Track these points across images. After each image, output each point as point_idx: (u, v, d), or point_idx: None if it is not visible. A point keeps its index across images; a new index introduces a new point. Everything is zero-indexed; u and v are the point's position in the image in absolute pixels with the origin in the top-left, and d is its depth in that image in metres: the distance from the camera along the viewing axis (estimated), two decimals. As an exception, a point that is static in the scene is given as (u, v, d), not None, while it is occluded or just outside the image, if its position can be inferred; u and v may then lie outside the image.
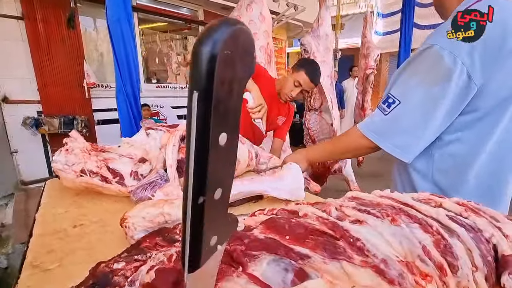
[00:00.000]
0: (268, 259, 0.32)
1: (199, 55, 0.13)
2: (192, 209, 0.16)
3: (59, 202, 0.84)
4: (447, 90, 0.73)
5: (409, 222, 0.38)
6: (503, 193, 0.80)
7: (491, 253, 0.37)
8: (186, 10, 4.87)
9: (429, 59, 0.76)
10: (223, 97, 0.15)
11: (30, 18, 3.16)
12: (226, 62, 0.14)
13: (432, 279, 0.32)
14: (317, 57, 2.93)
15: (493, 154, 0.78)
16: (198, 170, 0.15)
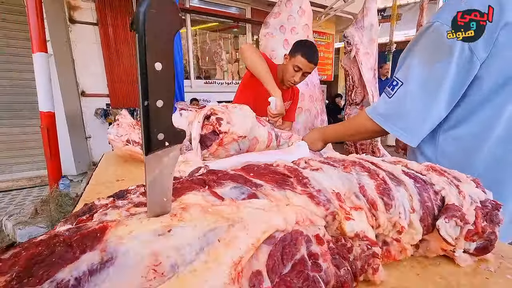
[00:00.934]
0: (231, 185, 0.42)
1: (136, 13, 0.24)
2: (141, 109, 0.27)
3: (111, 165, 1.06)
4: (449, 67, 0.70)
5: (360, 171, 0.44)
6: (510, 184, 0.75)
7: (435, 201, 0.41)
8: (234, 9, 5.11)
9: (430, 36, 0.74)
10: (154, 39, 0.25)
11: (103, 24, 3.71)
12: (152, 17, 0.24)
13: (362, 210, 0.38)
14: (360, 49, 2.86)
15: (500, 139, 0.73)
16: (142, 84, 0.26)
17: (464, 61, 0.70)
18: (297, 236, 0.33)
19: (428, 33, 0.75)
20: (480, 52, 0.68)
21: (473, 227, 0.40)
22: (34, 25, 2.47)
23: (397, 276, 0.40)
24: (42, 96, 2.54)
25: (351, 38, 2.94)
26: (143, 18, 0.24)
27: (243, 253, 0.29)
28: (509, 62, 0.68)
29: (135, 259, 0.28)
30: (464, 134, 0.77)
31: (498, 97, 0.71)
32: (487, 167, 0.76)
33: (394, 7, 5.09)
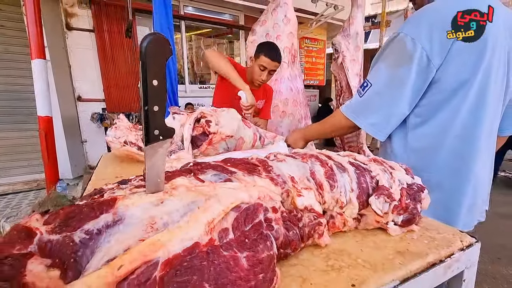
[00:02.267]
0: (212, 173, 0.53)
1: (140, 47, 0.36)
2: (143, 112, 0.39)
3: (109, 164, 1.16)
4: (410, 71, 0.81)
5: (314, 161, 0.56)
6: (470, 173, 0.86)
7: (371, 184, 0.53)
8: (228, 16, 5.26)
9: (395, 45, 0.86)
10: (152, 64, 0.37)
11: (99, 30, 3.82)
12: (151, 50, 0.36)
13: (311, 190, 0.50)
14: (347, 56, 3.00)
15: (459, 136, 0.85)
16: (144, 95, 0.38)
17: (422, 67, 0.81)
18: (258, 207, 0.44)
19: (394, 43, 0.86)
20: (436, 59, 0.80)
21: (399, 203, 0.52)
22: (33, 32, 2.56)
23: (340, 242, 0.51)
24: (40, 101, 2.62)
25: (338, 45, 3.09)
26: (145, 51, 0.36)
27: (215, 216, 0.40)
28: (461, 68, 0.80)
29: (138, 220, 0.39)
30: (428, 132, 0.88)
31: (454, 99, 0.83)
32: (448, 161, 0.87)
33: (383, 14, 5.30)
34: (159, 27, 2.02)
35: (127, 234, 0.37)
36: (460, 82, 0.81)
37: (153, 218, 0.39)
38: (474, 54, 0.79)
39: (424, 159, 0.91)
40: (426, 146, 0.90)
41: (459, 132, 0.84)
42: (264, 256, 0.38)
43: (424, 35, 0.80)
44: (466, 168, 0.86)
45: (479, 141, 0.84)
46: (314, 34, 6.23)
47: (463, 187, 0.86)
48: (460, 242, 0.51)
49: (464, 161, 0.85)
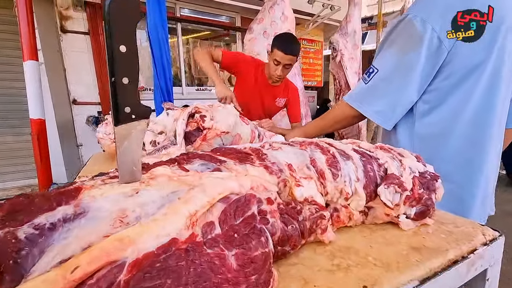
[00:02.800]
0: (199, 162, 0.47)
1: (103, 5, 0.30)
2: (110, 85, 0.32)
3: (98, 163, 1.10)
4: (420, 54, 0.77)
5: (314, 148, 0.50)
6: (483, 162, 0.81)
7: (378, 172, 0.47)
8: (224, 18, 5.23)
9: (403, 27, 0.81)
10: (118, 26, 0.31)
11: (94, 33, 3.77)
12: (115, 9, 0.30)
13: (312, 179, 0.44)
14: (345, 54, 2.95)
15: (471, 122, 0.79)
16: (110, 62, 0.32)
17: (433, 49, 0.76)
18: (250, 198, 0.38)
19: (402, 25, 0.81)
20: (447, 41, 0.75)
21: (411, 193, 0.46)
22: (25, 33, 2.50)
23: (346, 238, 0.45)
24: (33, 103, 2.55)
25: (336, 44, 3.05)
26: (108, 9, 0.30)
27: (198, 207, 0.34)
28: (474, 52, 0.75)
29: (105, 213, 0.32)
30: (437, 119, 0.83)
31: (466, 82, 0.77)
32: (459, 148, 0.81)
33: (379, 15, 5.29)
34: (153, 26, 1.97)
35: (90, 230, 0.30)
36: (474, 63, 0.76)
37: (124, 211, 0.33)
38: (488, 36, 0.74)
39: (433, 147, 0.85)
40: (436, 133, 0.84)
41: (471, 118, 0.79)
42: (257, 254, 0.32)
43: (435, 15, 0.75)
44: (479, 157, 0.80)
45: (492, 128, 0.79)
46: (311, 35, 6.21)
47: (475, 178, 0.81)
48: (482, 236, 0.45)
49: (477, 149, 0.80)
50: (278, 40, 1.51)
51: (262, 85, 1.67)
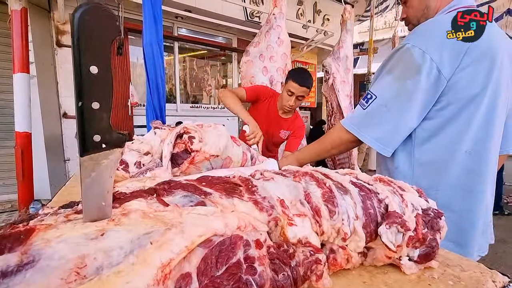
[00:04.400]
0: (181, 194, 0.42)
1: (71, 19, 0.26)
2: (76, 109, 0.28)
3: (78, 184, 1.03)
4: (418, 84, 0.76)
5: (309, 180, 0.45)
6: (483, 191, 0.78)
7: (379, 209, 0.43)
8: (221, 39, 5.34)
9: (402, 56, 0.81)
10: (89, 43, 0.27)
11: (90, 48, 3.77)
12: (87, 23, 0.26)
13: (306, 217, 0.39)
14: (337, 77, 3.00)
15: (470, 151, 0.77)
16: (77, 86, 0.27)
17: (432, 79, 0.76)
18: (236, 240, 0.33)
19: (400, 53, 0.81)
20: (446, 70, 0.74)
21: (414, 233, 0.41)
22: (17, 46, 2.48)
23: (343, 284, 0.40)
24: (20, 116, 2.48)
25: (329, 67, 3.11)
26: (77, 23, 0.26)
27: (174, 255, 0.29)
28: (473, 79, 0.75)
29: (59, 262, 0.27)
30: (437, 147, 0.81)
31: (464, 113, 0.77)
32: (459, 177, 0.79)
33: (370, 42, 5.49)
34: (148, 44, 1.96)
35: (36, 286, 0.25)
36: (472, 94, 0.76)
37: (83, 259, 0.27)
38: (485, 66, 0.74)
39: (433, 175, 0.82)
40: (436, 161, 0.82)
41: (470, 146, 0.77)
42: (240, 315, 0.27)
43: (433, 46, 0.76)
44: (479, 186, 0.78)
45: (489, 156, 0.77)
46: (305, 58, 6.38)
47: (476, 207, 0.78)
48: (492, 283, 0.40)
49: (477, 178, 0.78)
50: (293, 73, 1.61)
51: (272, 114, 1.75)
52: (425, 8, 0.90)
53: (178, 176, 0.97)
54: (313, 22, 5.42)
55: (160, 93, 2.04)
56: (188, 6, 4.09)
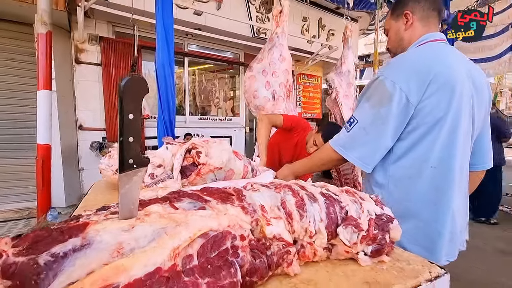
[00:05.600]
0: (188, 201, 0.55)
1: (119, 84, 0.40)
2: (118, 142, 0.42)
3: (100, 192, 1.18)
4: (390, 110, 0.89)
5: (287, 191, 0.58)
6: (447, 203, 0.89)
7: (340, 214, 0.55)
8: (229, 54, 5.57)
9: (377, 86, 0.94)
10: (129, 100, 0.41)
11: (106, 64, 4.03)
12: (129, 88, 0.41)
13: (281, 219, 0.52)
14: (340, 92, 3.12)
15: (435, 168, 0.89)
16: (119, 126, 0.42)
17: (402, 106, 0.88)
18: (226, 234, 0.46)
19: (376, 84, 0.94)
20: (413, 99, 0.87)
21: (366, 233, 0.53)
22: (42, 65, 2.71)
23: (310, 272, 0.52)
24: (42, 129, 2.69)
25: (332, 82, 3.24)
26: (122, 89, 0.40)
27: (181, 242, 0.42)
28: (436, 107, 0.87)
29: (106, 245, 0.40)
30: (408, 164, 0.93)
31: (430, 135, 0.89)
32: (426, 190, 0.90)
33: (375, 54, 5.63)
34: (160, 64, 2.15)
35: (93, 259, 0.38)
36: (436, 118, 0.87)
37: (121, 244, 0.41)
38: (446, 95, 0.86)
39: (404, 188, 0.94)
40: (406, 176, 0.93)
41: (435, 164, 0.88)
42: (226, 282, 0.39)
43: (402, 78, 0.88)
44: (444, 198, 0.88)
45: (453, 173, 0.88)
46: (311, 71, 6.54)
47: (441, 217, 0.88)
48: (428, 273, 0.51)
49: (441, 192, 0.88)
50: (324, 129, 1.73)
51: (300, 146, 1.92)
52: (400, 40, 1.04)
53: (186, 186, 1.11)
54: (317, 37, 5.60)
55: (170, 108, 2.21)
56: (198, 24, 4.33)
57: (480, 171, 1.07)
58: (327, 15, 5.75)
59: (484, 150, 1.05)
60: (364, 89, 1.00)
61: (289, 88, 2.76)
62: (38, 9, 2.58)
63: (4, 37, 3.56)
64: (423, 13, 0.99)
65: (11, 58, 3.64)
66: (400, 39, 1.04)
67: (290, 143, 1.94)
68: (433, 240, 0.89)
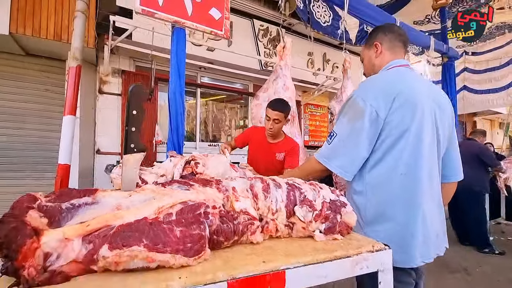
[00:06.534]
0: (177, 185, 0.69)
1: (129, 90, 0.57)
2: (124, 131, 0.58)
3: (109, 198, 1.33)
4: (363, 124, 1.01)
5: (258, 180, 0.71)
6: (416, 206, 0.97)
7: (299, 197, 0.67)
8: (239, 85, 5.95)
9: (351, 104, 1.08)
10: (134, 101, 0.58)
11: (125, 94, 4.41)
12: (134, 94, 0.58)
13: (248, 198, 0.64)
14: (340, 118, 3.25)
15: (404, 174, 0.99)
16: (126, 119, 0.58)
17: (373, 119, 1.01)
18: (201, 204, 0.59)
19: (350, 101, 1.09)
20: (382, 114, 1.00)
21: (319, 212, 0.64)
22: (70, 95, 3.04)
23: (271, 243, 0.63)
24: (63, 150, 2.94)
25: (333, 109, 3.42)
26: (130, 92, 0.57)
27: (165, 204, 0.55)
28: (401, 121, 0.99)
29: (109, 204, 0.54)
30: (381, 172, 1.03)
31: (397, 145, 1.00)
32: (397, 195, 0.99)
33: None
34: (173, 93, 2.40)
35: (98, 211, 0.52)
36: (401, 131, 0.99)
37: (120, 204, 0.55)
38: (409, 110, 0.99)
39: (380, 194, 1.03)
40: (380, 183, 1.03)
41: (404, 171, 0.99)
42: (195, 233, 0.52)
43: (371, 96, 1.02)
44: (414, 202, 0.97)
45: (421, 179, 0.97)
46: (317, 101, 6.79)
47: (412, 220, 0.96)
48: (371, 247, 0.61)
49: (411, 196, 0.97)
50: (269, 102, 1.93)
51: (263, 143, 2.04)
52: (372, 66, 1.20)
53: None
54: (323, 70, 5.92)
55: (180, 132, 2.41)
56: (210, 59, 4.74)
57: (452, 182, 1.16)
58: (331, 50, 6.13)
59: (454, 164, 1.15)
60: (342, 107, 1.15)
61: (293, 115, 2.93)
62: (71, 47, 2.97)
63: (37, 70, 4.03)
64: (390, 44, 1.17)
65: (44, 89, 4.08)
66: (372, 65, 1.20)
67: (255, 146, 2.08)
68: (407, 241, 0.96)
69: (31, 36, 2.99)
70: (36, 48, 3.35)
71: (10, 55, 3.39)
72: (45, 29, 3.13)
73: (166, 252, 0.46)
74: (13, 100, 3.49)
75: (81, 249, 0.44)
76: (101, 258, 0.43)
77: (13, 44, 3.14)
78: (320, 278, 0.53)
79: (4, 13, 2.87)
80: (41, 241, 0.42)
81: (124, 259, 0.44)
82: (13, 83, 3.49)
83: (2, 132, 3.41)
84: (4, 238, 0.41)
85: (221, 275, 0.46)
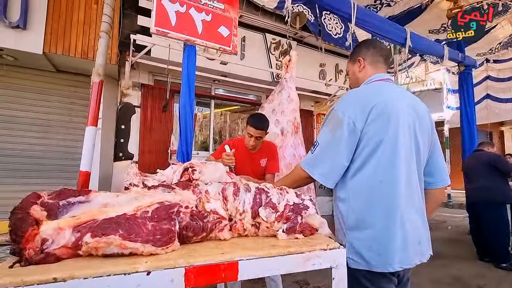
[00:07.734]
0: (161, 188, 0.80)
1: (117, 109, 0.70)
2: (114, 142, 0.70)
3: (117, 201, 1.47)
4: (342, 134, 1.08)
5: (231, 185, 0.80)
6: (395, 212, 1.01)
7: (265, 200, 0.76)
8: (252, 96, 6.11)
9: (332, 115, 1.15)
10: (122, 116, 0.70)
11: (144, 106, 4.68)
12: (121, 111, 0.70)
13: (219, 200, 0.74)
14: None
15: (383, 182, 1.04)
16: (116, 132, 0.70)
17: (351, 130, 1.07)
18: (176, 204, 0.69)
19: (332, 113, 1.16)
20: (359, 125, 1.07)
21: (281, 213, 0.72)
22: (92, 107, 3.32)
23: (238, 240, 0.72)
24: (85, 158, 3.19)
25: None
26: (118, 110, 0.69)
27: (143, 203, 0.66)
28: (376, 131, 1.06)
29: (100, 202, 0.66)
30: (362, 179, 1.08)
31: (376, 153, 1.06)
32: (377, 201, 1.04)
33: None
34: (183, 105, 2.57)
35: (89, 208, 0.64)
36: (377, 140, 1.05)
37: (108, 203, 0.66)
38: (384, 123, 1.05)
39: (361, 200, 1.08)
40: (362, 189, 1.08)
41: (382, 178, 1.04)
42: (165, 227, 0.62)
43: (350, 108, 1.10)
44: (390, 207, 1.01)
45: (399, 185, 1.02)
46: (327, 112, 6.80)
47: (392, 225, 1.00)
48: (325, 245, 0.68)
49: (389, 202, 1.02)
50: (250, 119, 1.97)
51: (245, 154, 2.10)
52: (356, 79, 1.28)
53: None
54: (335, 80, 5.96)
55: (188, 141, 2.56)
56: (224, 72, 4.95)
57: (439, 188, 1.19)
58: (343, 60, 6.17)
59: (439, 170, 1.18)
60: (325, 118, 1.22)
61: (296, 125, 3.01)
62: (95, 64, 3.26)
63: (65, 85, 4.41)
64: (372, 59, 1.24)
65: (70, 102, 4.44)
66: (356, 78, 1.28)
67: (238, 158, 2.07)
68: (385, 246, 1.00)
69: (62, 54, 3.30)
70: (65, 65, 3.68)
71: (42, 71, 3.73)
72: (74, 48, 3.44)
73: (137, 241, 0.57)
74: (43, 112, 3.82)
75: (70, 237, 0.56)
76: (84, 243, 0.55)
77: (45, 62, 3.48)
78: (273, 270, 0.61)
79: (39, 36, 3.22)
80: (40, 229, 0.54)
81: (101, 245, 0.55)
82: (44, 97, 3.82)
83: (34, 142, 3.73)
84: (13, 225, 0.53)
85: (181, 261, 0.56)
